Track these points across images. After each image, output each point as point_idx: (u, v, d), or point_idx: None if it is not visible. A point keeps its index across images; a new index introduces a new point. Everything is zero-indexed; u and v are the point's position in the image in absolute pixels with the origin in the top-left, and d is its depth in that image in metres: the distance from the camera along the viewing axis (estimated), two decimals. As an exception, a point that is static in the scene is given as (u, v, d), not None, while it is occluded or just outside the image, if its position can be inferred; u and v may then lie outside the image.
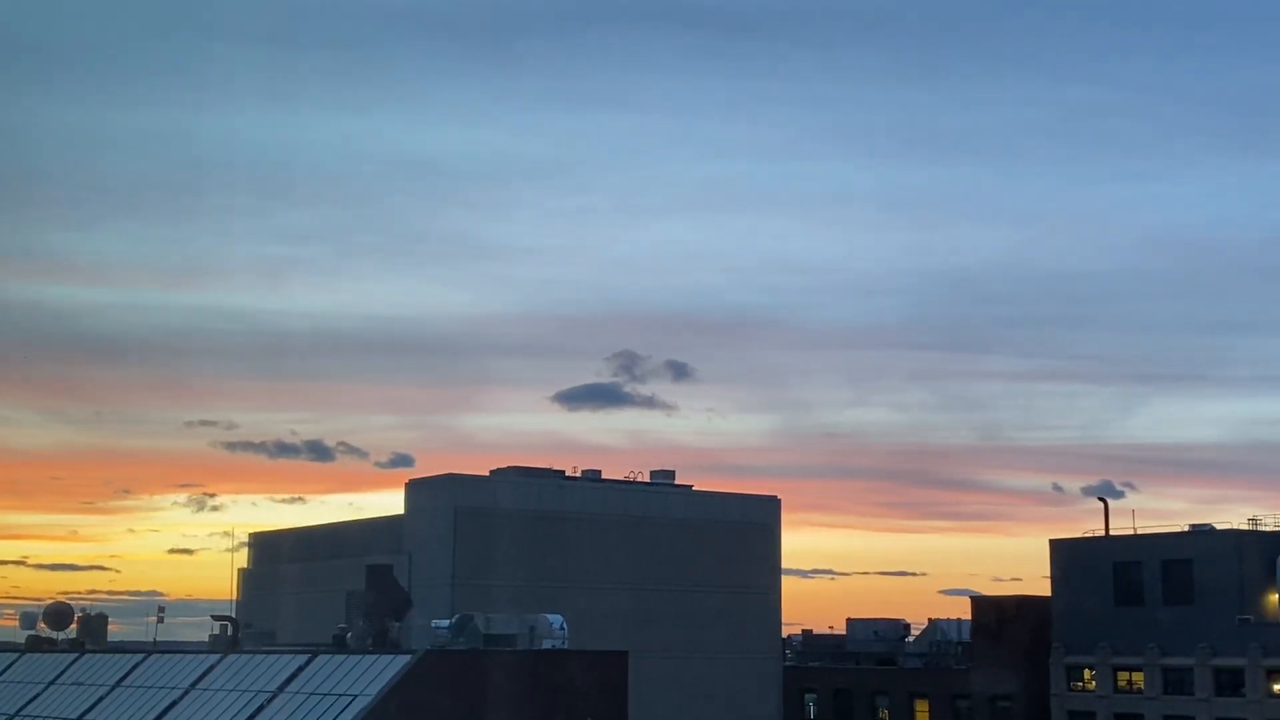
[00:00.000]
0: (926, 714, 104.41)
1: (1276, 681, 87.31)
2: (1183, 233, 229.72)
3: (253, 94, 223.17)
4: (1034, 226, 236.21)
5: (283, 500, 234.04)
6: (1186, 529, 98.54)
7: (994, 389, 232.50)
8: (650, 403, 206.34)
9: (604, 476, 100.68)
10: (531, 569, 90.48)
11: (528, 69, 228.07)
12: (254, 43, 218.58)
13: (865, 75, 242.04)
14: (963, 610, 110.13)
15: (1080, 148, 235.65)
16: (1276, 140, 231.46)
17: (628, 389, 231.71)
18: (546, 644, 63.88)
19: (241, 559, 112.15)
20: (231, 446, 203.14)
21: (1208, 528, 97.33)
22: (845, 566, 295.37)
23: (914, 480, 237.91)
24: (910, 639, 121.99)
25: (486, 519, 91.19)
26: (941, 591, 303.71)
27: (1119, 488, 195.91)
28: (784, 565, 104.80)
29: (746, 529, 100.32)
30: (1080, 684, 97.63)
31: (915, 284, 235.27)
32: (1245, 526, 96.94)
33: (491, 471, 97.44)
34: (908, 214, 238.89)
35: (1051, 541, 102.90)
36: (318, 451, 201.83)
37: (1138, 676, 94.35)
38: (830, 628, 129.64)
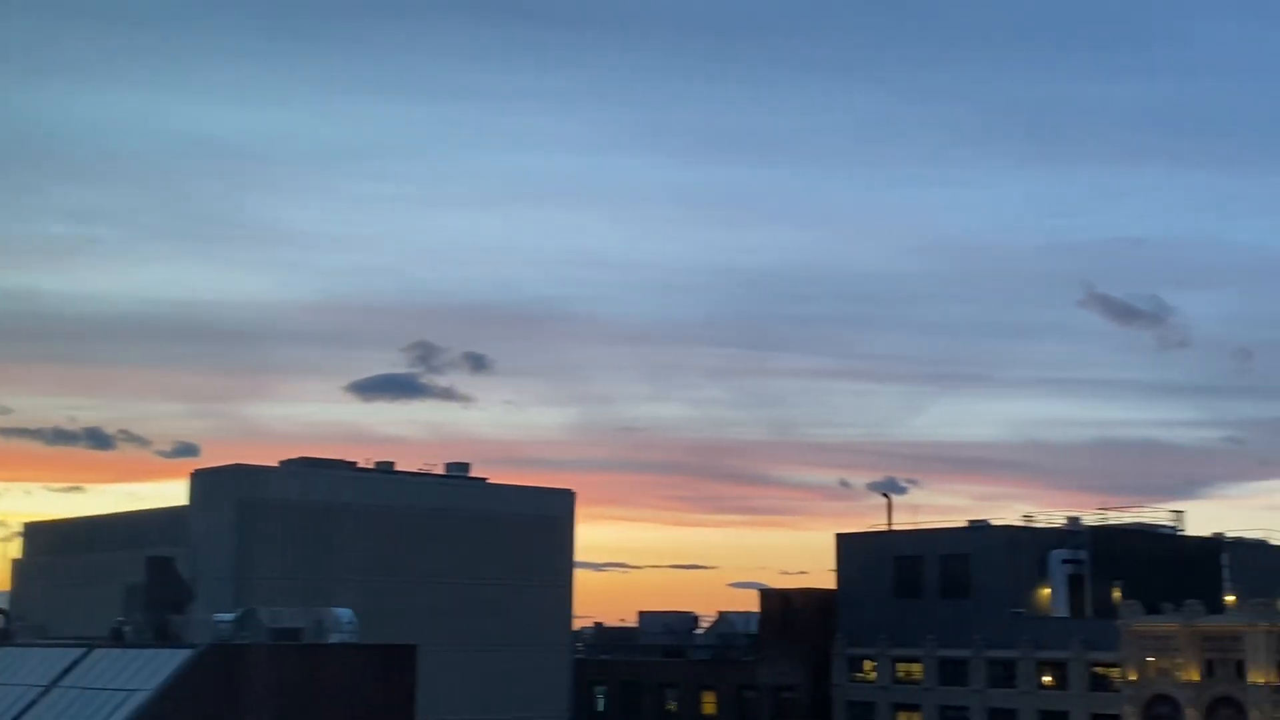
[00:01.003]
0: (713, 705, 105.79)
1: (1046, 673, 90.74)
2: (968, 238, 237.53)
3: (43, 68, 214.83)
4: (829, 228, 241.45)
5: (60, 489, 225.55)
6: (965, 525, 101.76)
7: (787, 386, 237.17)
8: (447, 394, 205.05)
9: (397, 469, 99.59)
10: (320, 562, 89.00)
11: (333, 53, 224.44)
12: (46, 16, 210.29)
13: (671, 73, 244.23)
14: (752, 603, 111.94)
15: (874, 153, 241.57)
16: (1057, 151, 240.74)
17: (424, 380, 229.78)
18: (334, 638, 62.88)
19: (14, 549, 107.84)
20: (5, 433, 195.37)
21: (984, 524, 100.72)
22: (639, 559, 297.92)
23: (708, 475, 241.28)
24: (700, 631, 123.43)
25: (274, 511, 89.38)
26: (731, 584, 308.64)
27: (903, 484, 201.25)
28: (577, 558, 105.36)
29: (540, 522, 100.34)
30: (861, 675, 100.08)
31: (714, 281, 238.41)
32: (1020, 523, 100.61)
33: (280, 462, 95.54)
34: (708, 212, 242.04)
35: (838, 535, 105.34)
36: (97, 439, 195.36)
37: (916, 668, 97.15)
38: (622, 620, 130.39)
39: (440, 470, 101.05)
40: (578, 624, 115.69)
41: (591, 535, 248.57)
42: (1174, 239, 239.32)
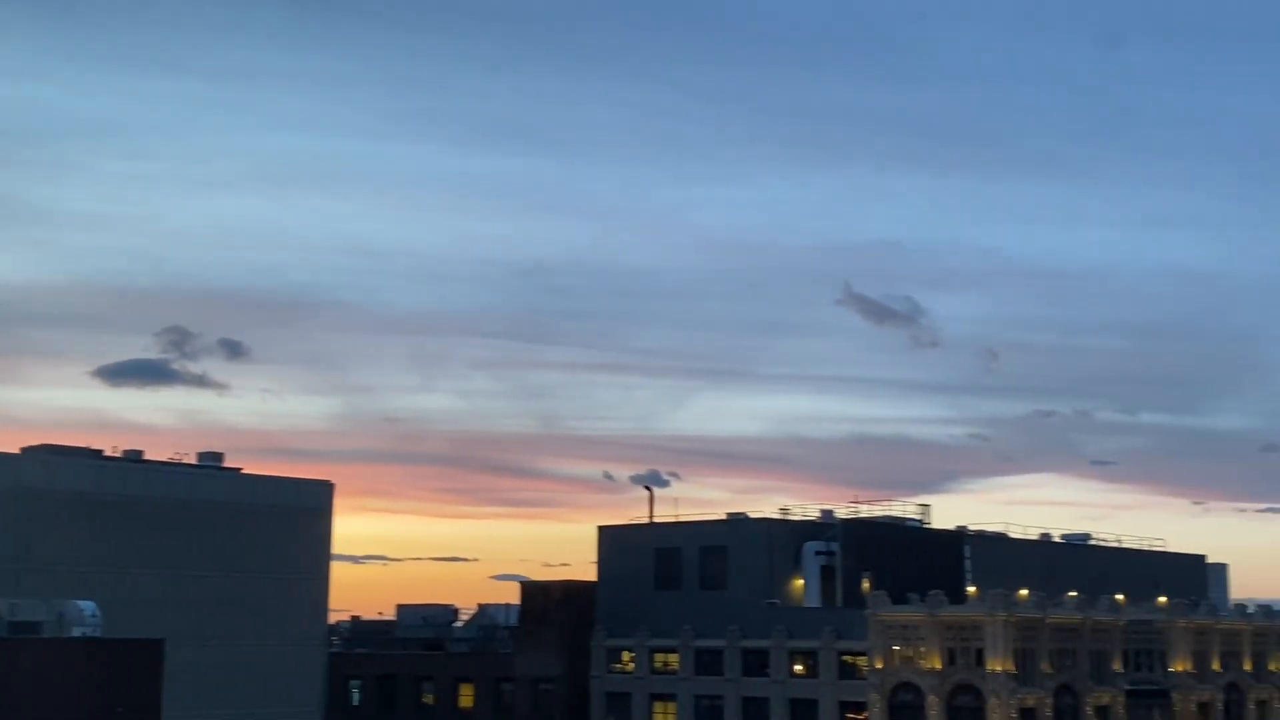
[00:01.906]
0: (471, 698, 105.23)
1: (798, 662, 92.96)
2: (733, 235, 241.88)
3: None
4: (601, 222, 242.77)
5: None
6: (723, 518, 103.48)
7: (555, 379, 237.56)
8: (201, 382, 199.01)
9: (147, 457, 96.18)
10: (63, 553, 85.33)
11: (88, 25, 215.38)
12: None
13: (446, 61, 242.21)
14: (513, 595, 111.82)
15: (645, 149, 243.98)
16: (821, 154, 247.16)
17: (177, 367, 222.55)
18: (77, 632, 60.52)
19: None
20: None
21: (742, 517, 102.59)
22: (399, 552, 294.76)
23: (472, 467, 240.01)
24: (459, 624, 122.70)
25: (15, 501, 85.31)
26: (493, 577, 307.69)
27: (666, 477, 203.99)
28: (335, 551, 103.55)
29: (296, 514, 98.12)
30: (619, 666, 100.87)
31: (483, 272, 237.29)
32: (776, 516, 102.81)
33: (22, 449, 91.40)
34: (480, 202, 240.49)
35: (599, 528, 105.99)
36: None
37: (673, 658, 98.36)
38: (380, 614, 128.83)
39: (192, 460, 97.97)
40: (334, 618, 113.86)
41: (351, 527, 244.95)
42: (929, 242, 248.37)
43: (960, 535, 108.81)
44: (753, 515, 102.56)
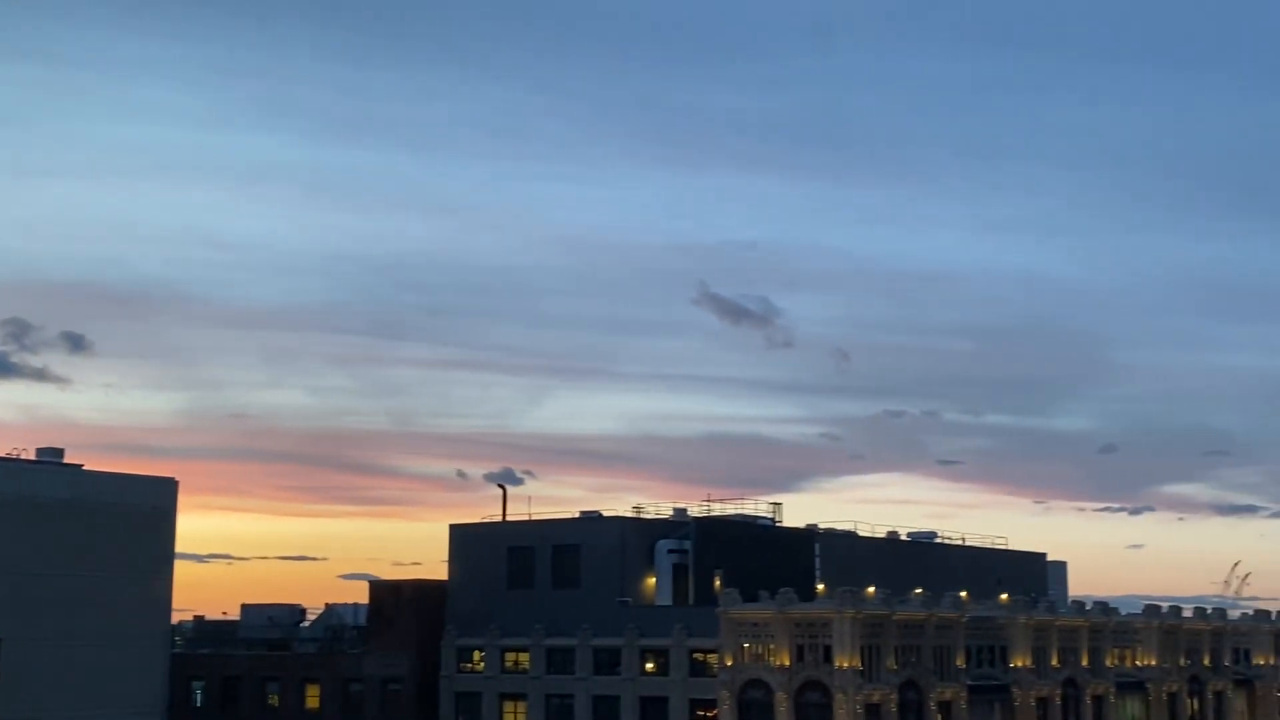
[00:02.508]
0: (318, 699, 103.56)
1: (650, 660, 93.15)
2: (591, 234, 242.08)
3: None
4: (458, 218, 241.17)
5: None
6: (577, 516, 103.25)
7: (409, 376, 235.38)
8: (41, 375, 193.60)
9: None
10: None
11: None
12: None
13: (302, 52, 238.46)
14: (362, 595, 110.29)
15: (503, 145, 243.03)
16: (681, 154, 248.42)
17: (15, 360, 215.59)
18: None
19: None
20: None
21: (596, 515, 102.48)
22: (246, 551, 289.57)
23: (322, 464, 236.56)
24: (306, 624, 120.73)
25: None
26: (342, 576, 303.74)
27: (520, 475, 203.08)
28: (179, 550, 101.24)
29: (138, 512, 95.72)
30: (470, 666, 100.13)
31: (337, 267, 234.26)
32: (630, 514, 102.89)
33: None
34: (334, 196, 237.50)
35: (451, 526, 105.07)
36: None
37: (524, 657, 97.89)
38: (224, 614, 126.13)
39: (30, 455, 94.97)
40: (177, 617, 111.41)
41: (196, 525, 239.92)
42: (784, 244, 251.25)
43: (811, 533, 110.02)
44: (606, 514, 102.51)
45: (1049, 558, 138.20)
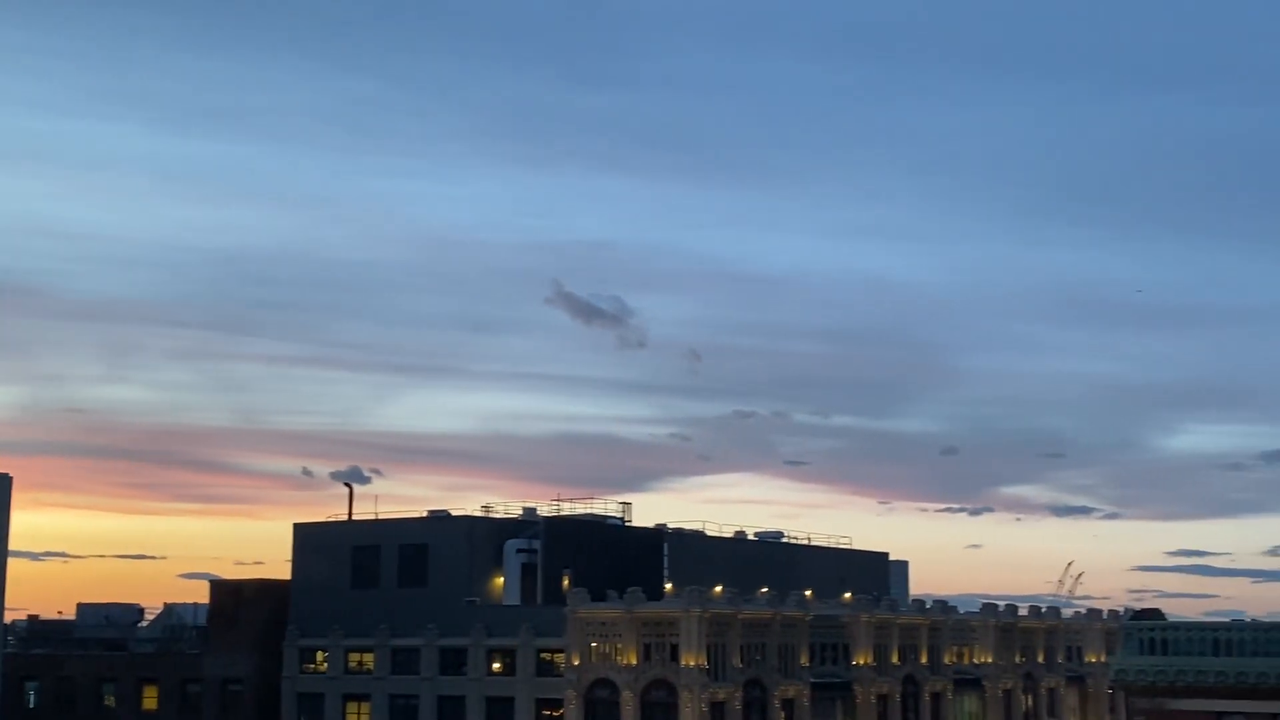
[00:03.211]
0: (155, 700, 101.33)
1: (496, 660, 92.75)
2: (445, 231, 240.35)
3: None
4: (308, 212, 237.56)
5: None
6: (425, 515, 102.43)
7: (255, 371, 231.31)
8: None
9: None
10: None
11: None
12: None
13: (149, 39, 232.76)
14: (203, 595, 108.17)
15: (357, 139, 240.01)
16: (537, 153, 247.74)
17: None
18: None
19: None
20: None
21: (444, 514, 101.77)
22: (81, 549, 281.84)
23: (164, 461, 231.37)
24: (144, 624, 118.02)
25: None
26: (182, 575, 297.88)
27: (367, 474, 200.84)
28: (13, 547, 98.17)
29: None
30: (313, 666, 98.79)
31: (181, 259, 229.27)
32: (479, 514, 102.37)
33: None
34: (179, 187, 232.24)
35: (295, 525, 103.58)
36: None
37: (368, 657, 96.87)
38: (60, 613, 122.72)
39: None
40: (10, 616, 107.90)
41: (31, 523, 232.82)
42: (639, 244, 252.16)
43: (660, 533, 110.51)
44: (455, 513, 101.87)
45: (891, 557, 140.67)
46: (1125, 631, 53.98)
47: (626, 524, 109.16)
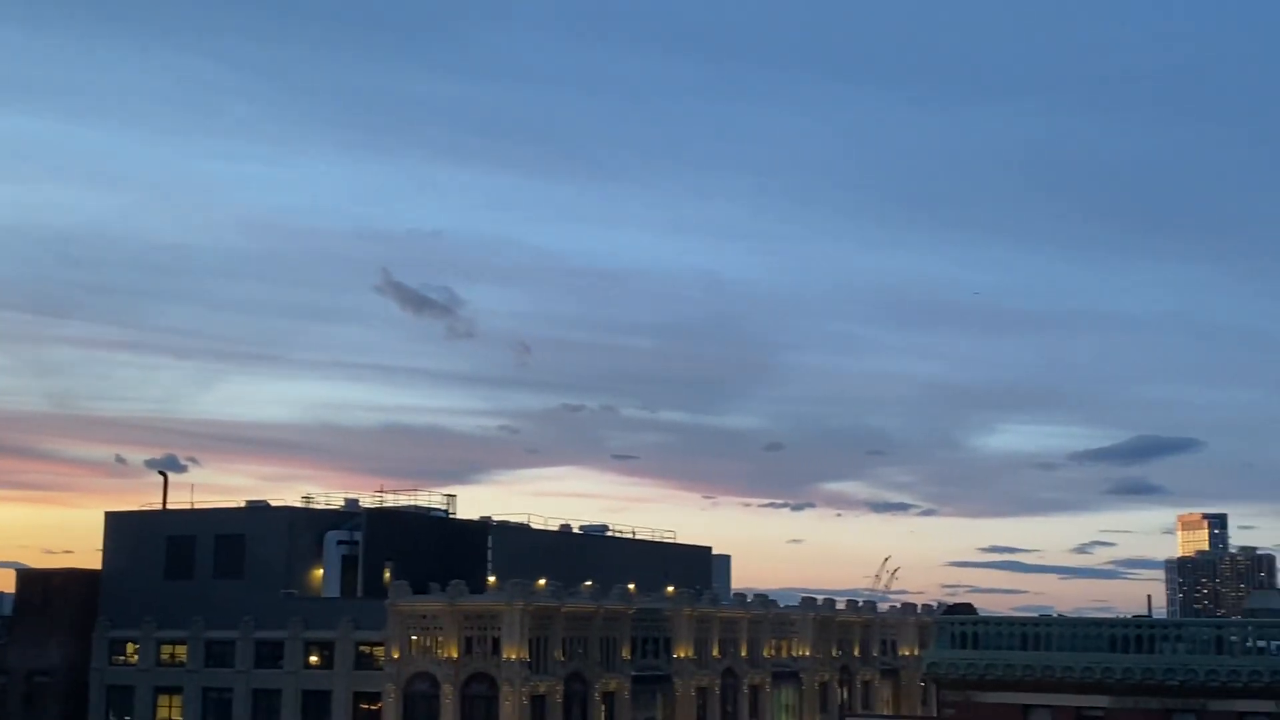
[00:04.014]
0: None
1: (314, 653, 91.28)
2: (272, 216, 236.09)
3: None
4: (130, 193, 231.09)
5: None
6: (243, 505, 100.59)
7: (70, 355, 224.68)
8: None
9: None
10: None
11: None
12: None
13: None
14: (8, 584, 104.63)
15: (187, 120, 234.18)
16: (371, 140, 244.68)
17: None
18: None
19: None
20: None
21: (263, 505, 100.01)
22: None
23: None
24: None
25: None
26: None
27: (184, 462, 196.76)
28: None
29: None
30: (123, 658, 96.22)
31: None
32: (299, 504, 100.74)
33: None
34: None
35: (107, 514, 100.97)
36: None
37: (181, 650, 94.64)
38: None
39: None
40: None
41: None
42: (471, 235, 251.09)
43: (484, 526, 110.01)
44: (274, 503, 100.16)
45: (715, 551, 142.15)
46: (937, 626, 55.24)
47: (451, 516, 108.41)
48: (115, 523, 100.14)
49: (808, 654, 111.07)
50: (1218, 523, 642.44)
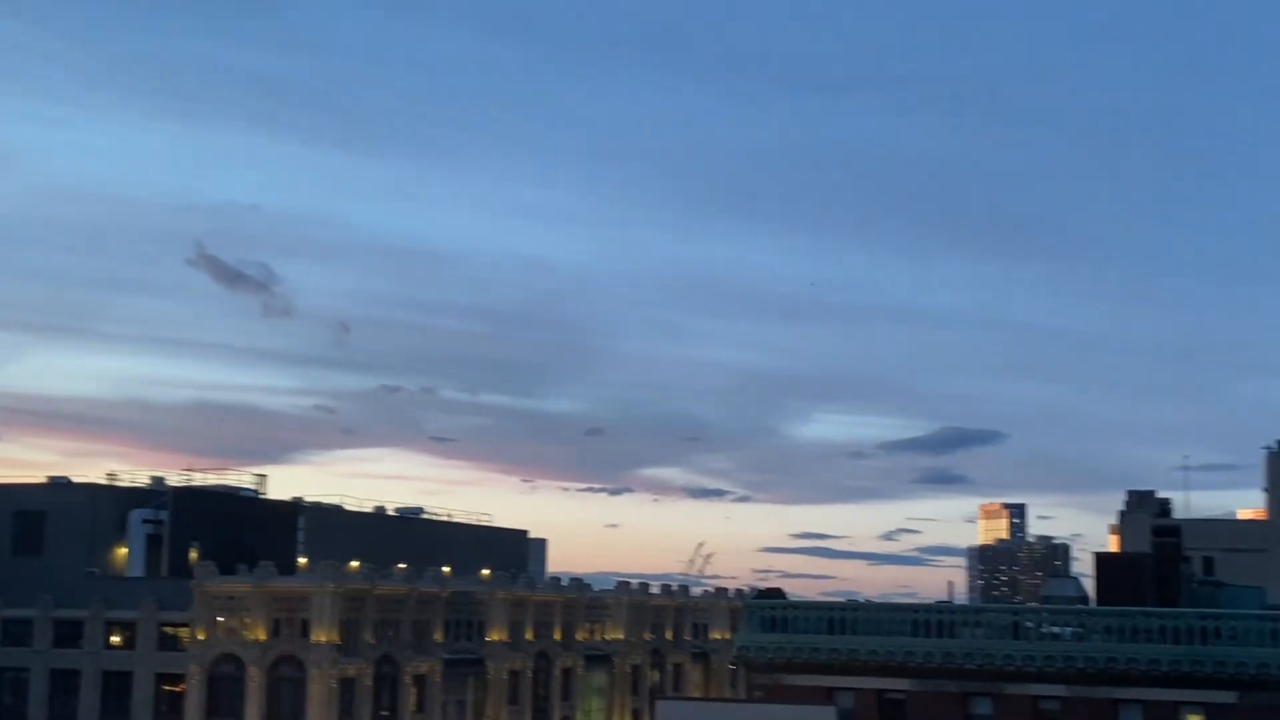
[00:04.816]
0: None
1: (115, 633, 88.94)
2: (82, 184, 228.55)
3: None
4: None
5: None
6: (43, 481, 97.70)
7: None
8: None
9: None
10: None
11: None
12: None
13: None
14: None
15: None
16: (189, 110, 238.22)
17: None
18: None
19: None
20: None
21: (65, 481, 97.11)
22: None
23: None
24: None
25: None
26: None
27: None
28: None
29: None
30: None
31: None
32: (103, 481, 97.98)
33: None
34: None
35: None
36: None
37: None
38: None
39: None
40: None
41: None
42: (290, 210, 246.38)
43: (296, 506, 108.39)
44: (77, 480, 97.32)
45: (531, 535, 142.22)
46: (748, 610, 56.08)
47: (261, 497, 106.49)
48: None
49: (620, 637, 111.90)
50: (1017, 512, 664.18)
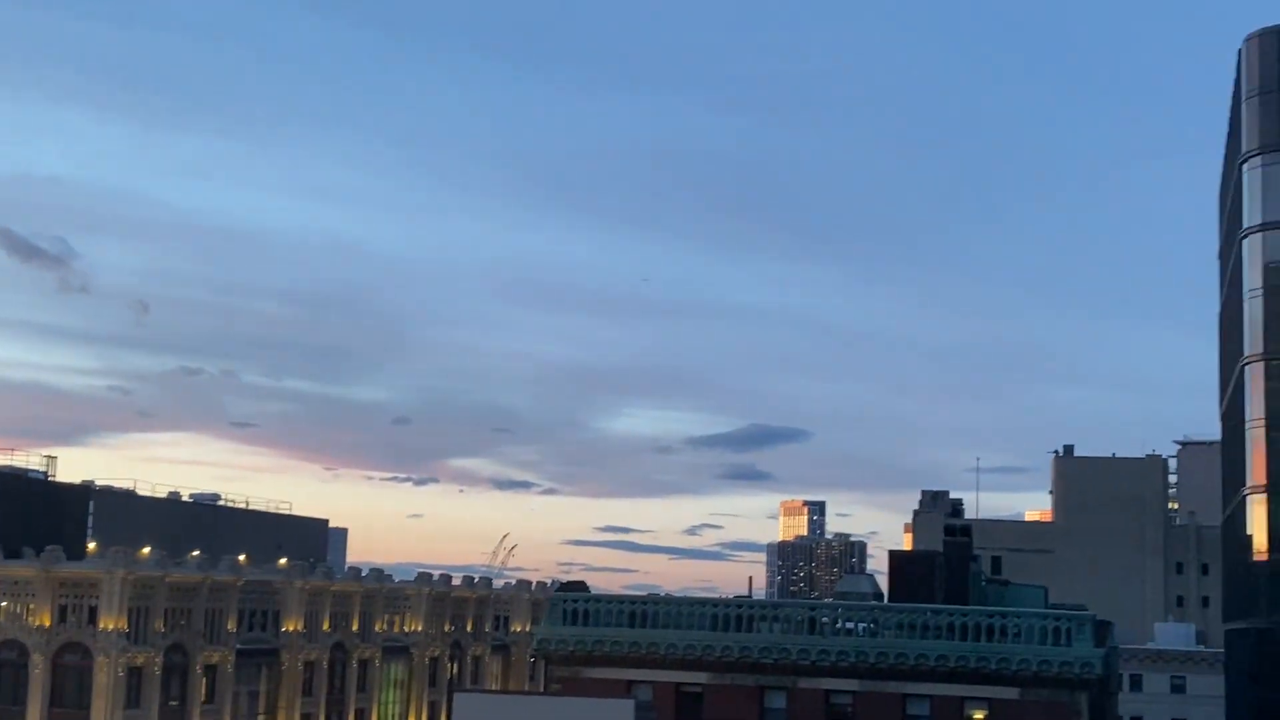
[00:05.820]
0: None
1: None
2: None
3: None
4: None
5: None
6: None
7: None
8: None
9: None
10: None
11: None
12: None
13: None
14: None
15: None
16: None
17: None
18: None
19: None
20: None
21: None
22: None
23: None
24: None
25: None
26: None
27: None
28: None
29: None
30: None
31: None
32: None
33: None
34: None
35: None
36: None
37: None
38: None
39: None
40: None
41: None
42: (91, 185, 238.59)
43: (86, 490, 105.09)
44: None
45: (333, 524, 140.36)
46: (549, 603, 56.17)
47: (50, 479, 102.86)
48: None
49: (420, 629, 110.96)
50: (817, 509, 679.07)
